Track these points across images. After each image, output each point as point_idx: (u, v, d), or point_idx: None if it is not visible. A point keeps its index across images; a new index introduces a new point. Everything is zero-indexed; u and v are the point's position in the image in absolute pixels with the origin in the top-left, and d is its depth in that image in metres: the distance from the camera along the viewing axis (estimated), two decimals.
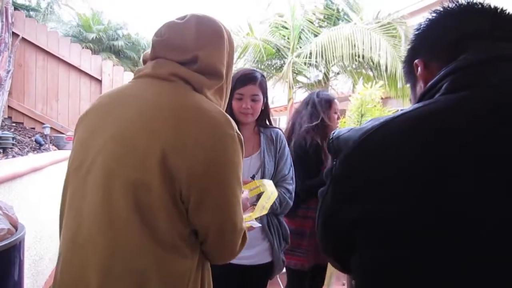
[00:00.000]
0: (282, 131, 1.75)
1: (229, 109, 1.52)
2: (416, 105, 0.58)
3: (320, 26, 9.45)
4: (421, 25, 0.70)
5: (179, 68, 0.85)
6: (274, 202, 1.48)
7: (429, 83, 0.62)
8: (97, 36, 15.40)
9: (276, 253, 1.59)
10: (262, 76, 1.60)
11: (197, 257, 0.84)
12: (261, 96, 1.58)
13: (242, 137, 0.86)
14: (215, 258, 0.89)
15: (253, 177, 1.55)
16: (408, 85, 0.76)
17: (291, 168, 1.71)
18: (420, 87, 0.68)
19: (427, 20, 0.69)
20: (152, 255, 0.77)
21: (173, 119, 0.78)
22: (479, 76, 0.57)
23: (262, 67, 10.32)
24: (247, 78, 1.54)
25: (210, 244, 0.84)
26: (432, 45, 0.67)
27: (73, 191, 0.85)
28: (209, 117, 0.81)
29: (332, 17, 9.38)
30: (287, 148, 1.72)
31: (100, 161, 0.80)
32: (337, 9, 9.57)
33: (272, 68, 9.51)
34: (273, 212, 1.56)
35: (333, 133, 0.73)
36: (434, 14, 0.68)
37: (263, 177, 1.57)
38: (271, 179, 1.57)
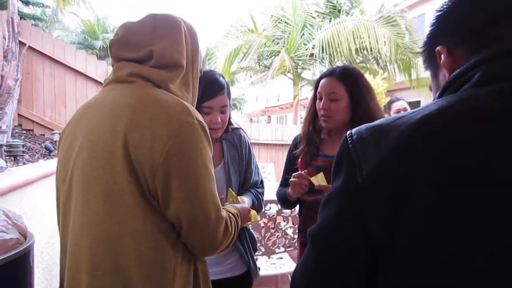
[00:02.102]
0: (244, 131, 1.59)
1: None
2: (451, 100, 0.52)
3: (322, 20, 9.41)
4: (443, 5, 0.61)
5: (136, 67, 0.87)
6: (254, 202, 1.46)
7: (456, 72, 0.56)
8: (104, 45, 15.54)
9: (250, 261, 1.53)
10: (224, 78, 1.45)
11: (181, 251, 0.84)
12: (229, 105, 1.41)
13: (205, 124, 0.85)
14: (196, 250, 0.87)
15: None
16: (428, 72, 0.68)
17: (259, 172, 1.59)
18: (444, 75, 0.61)
19: (450, 0, 0.60)
20: (133, 252, 0.78)
21: (131, 115, 0.80)
22: None
23: (267, 63, 10.33)
24: (215, 88, 1.36)
25: (185, 235, 0.84)
26: (457, 29, 0.58)
27: (63, 203, 0.89)
28: (165, 107, 0.81)
29: (335, 11, 9.33)
30: (252, 150, 1.58)
31: (77, 169, 0.84)
32: (339, 3, 9.53)
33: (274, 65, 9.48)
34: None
35: (349, 137, 0.58)
36: None
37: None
38: (239, 188, 1.49)
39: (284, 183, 1.62)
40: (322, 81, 1.47)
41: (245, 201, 1.41)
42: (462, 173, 0.47)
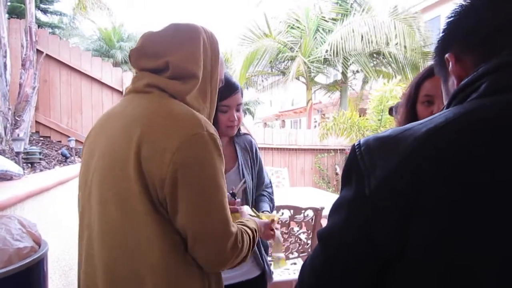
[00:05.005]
0: (252, 137, 1.66)
1: (216, 124, 1.34)
2: (457, 112, 0.51)
3: (334, 23, 9.38)
4: (453, 12, 0.61)
5: (154, 78, 0.89)
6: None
7: (464, 82, 0.55)
8: (120, 54, 15.80)
9: (263, 265, 1.56)
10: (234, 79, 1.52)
11: (193, 263, 0.85)
12: (242, 103, 1.50)
13: (216, 136, 0.84)
14: (204, 264, 0.85)
15: (233, 195, 1.39)
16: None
17: (267, 173, 1.69)
18: (453, 82, 0.61)
19: (461, 6, 0.59)
20: (147, 260, 0.80)
21: (144, 127, 0.81)
22: None
23: (281, 67, 10.33)
24: (231, 88, 1.43)
25: (190, 247, 0.82)
26: (466, 36, 0.58)
27: (83, 209, 0.92)
28: (177, 119, 0.82)
29: (347, 13, 9.29)
30: (259, 155, 1.65)
31: (95, 177, 0.86)
32: (351, 5, 9.49)
33: (289, 69, 9.47)
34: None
35: (358, 148, 0.57)
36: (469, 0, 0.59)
37: (245, 194, 1.50)
38: (251, 191, 1.53)
39: None
40: (430, 82, 1.21)
41: (274, 214, 1.45)
42: (469, 188, 0.46)
